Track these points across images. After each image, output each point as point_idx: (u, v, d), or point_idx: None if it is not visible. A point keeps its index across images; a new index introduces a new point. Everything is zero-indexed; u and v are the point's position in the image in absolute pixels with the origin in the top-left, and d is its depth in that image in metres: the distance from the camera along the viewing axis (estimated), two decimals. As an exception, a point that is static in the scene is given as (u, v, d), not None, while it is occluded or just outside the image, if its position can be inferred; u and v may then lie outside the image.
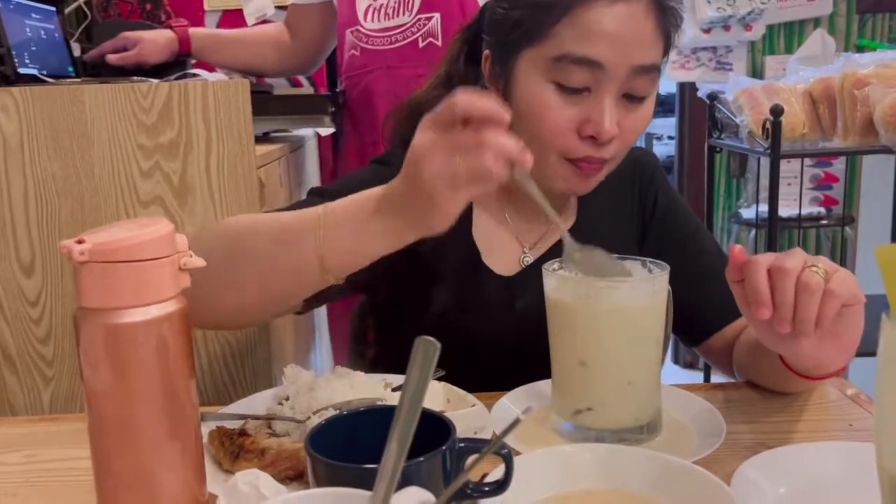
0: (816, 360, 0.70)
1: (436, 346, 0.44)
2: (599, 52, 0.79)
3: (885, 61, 1.59)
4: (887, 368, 0.40)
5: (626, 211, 1.00)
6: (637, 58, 0.80)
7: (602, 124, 0.80)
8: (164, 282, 0.55)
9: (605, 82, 0.80)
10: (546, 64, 0.81)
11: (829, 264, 0.67)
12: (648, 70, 0.81)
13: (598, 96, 0.81)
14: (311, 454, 0.50)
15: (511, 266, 0.95)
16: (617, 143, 0.83)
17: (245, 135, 1.17)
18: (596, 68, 0.79)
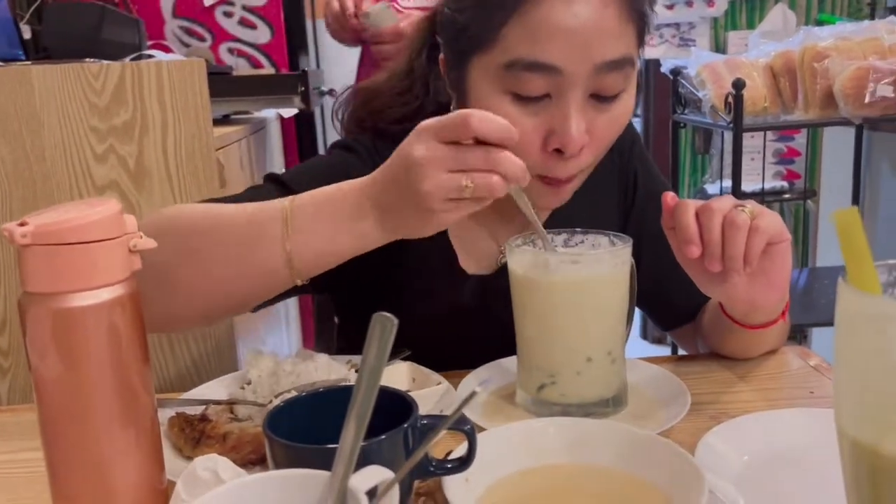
0: (749, 299, 0.71)
1: (393, 322, 0.43)
2: (554, 56, 0.69)
3: (844, 34, 1.61)
4: (843, 331, 0.40)
5: (607, 186, 0.94)
6: (599, 55, 0.70)
7: (568, 135, 0.71)
8: (114, 264, 0.53)
9: (567, 87, 0.70)
10: (497, 72, 0.72)
11: (756, 206, 0.69)
12: (617, 65, 0.71)
13: (560, 103, 0.71)
14: (269, 436, 0.49)
15: (489, 266, 0.90)
16: (590, 152, 0.75)
17: (203, 116, 1.14)
18: (552, 73, 0.70)
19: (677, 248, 0.70)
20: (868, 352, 0.38)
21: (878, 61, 1.54)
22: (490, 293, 0.88)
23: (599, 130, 0.74)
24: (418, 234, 0.66)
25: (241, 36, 2.24)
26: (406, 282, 0.88)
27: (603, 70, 0.71)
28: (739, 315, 0.76)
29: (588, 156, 0.75)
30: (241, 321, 1.29)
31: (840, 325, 0.40)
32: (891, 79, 1.50)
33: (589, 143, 0.74)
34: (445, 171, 0.61)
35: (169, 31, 2.21)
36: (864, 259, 0.40)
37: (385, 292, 0.89)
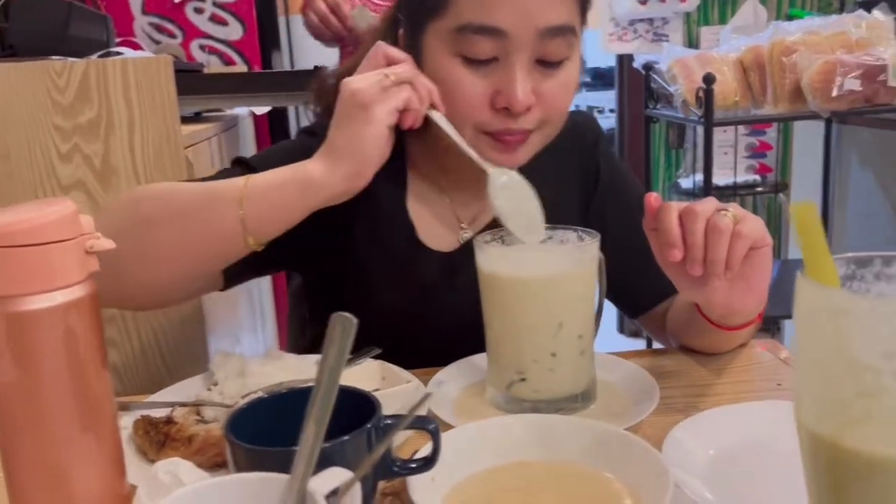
0: (728, 304, 0.71)
1: (352, 321, 0.42)
2: (499, 19, 0.74)
3: (813, 28, 1.62)
4: (802, 325, 0.40)
5: (568, 179, 0.97)
6: (542, 20, 0.75)
7: (514, 94, 0.75)
8: (69, 266, 0.52)
9: (512, 50, 0.75)
10: (449, 36, 0.77)
11: (739, 209, 0.69)
12: (559, 31, 0.77)
13: (507, 65, 0.76)
14: (229, 439, 0.48)
15: (450, 242, 0.92)
16: (539, 112, 0.79)
17: (170, 114, 1.12)
18: (499, 36, 0.75)
19: (658, 250, 0.70)
20: (826, 345, 0.38)
21: (846, 55, 1.55)
22: (455, 270, 0.90)
23: (546, 94, 0.79)
24: (362, 147, 0.72)
25: (213, 32, 2.22)
26: (366, 257, 0.90)
27: (546, 35, 0.76)
28: (716, 317, 0.76)
29: (536, 116, 0.79)
30: (213, 322, 1.27)
31: (799, 318, 0.40)
32: (858, 72, 1.52)
33: (536, 104, 0.78)
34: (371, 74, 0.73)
35: (138, 28, 2.18)
36: (821, 252, 0.40)
37: (349, 271, 0.91)
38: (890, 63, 1.53)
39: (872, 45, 1.57)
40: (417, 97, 0.74)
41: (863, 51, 1.56)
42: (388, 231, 0.90)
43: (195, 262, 0.76)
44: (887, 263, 0.43)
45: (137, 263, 0.74)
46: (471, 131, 0.80)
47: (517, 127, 0.78)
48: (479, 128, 0.79)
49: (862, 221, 2.11)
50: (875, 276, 0.43)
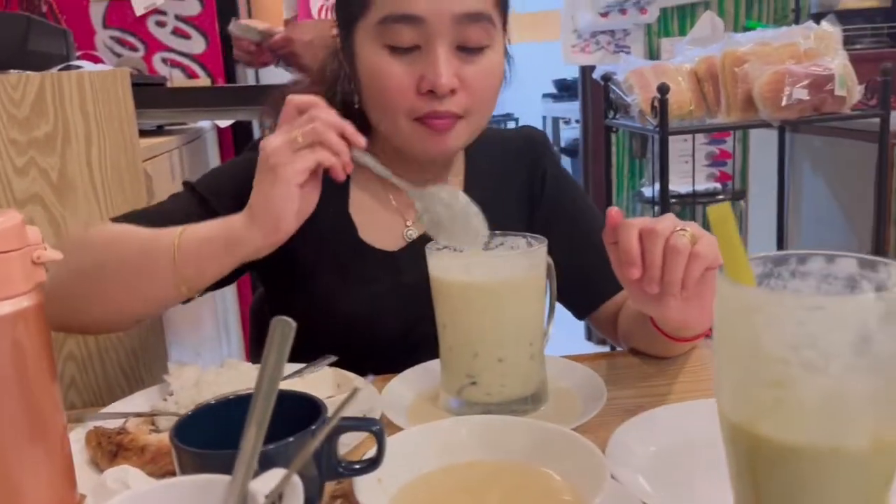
0: (682, 320, 0.73)
1: (291, 325, 0.43)
2: (417, 7, 0.81)
3: (763, 40, 1.67)
4: (721, 321, 0.42)
5: (514, 187, 1.00)
6: (457, 6, 0.81)
7: (438, 77, 0.81)
8: (15, 276, 0.53)
9: (432, 36, 0.81)
10: (374, 30, 0.83)
11: (697, 229, 0.71)
12: (474, 18, 0.82)
13: (429, 51, 0.82)
14: (174, 443, 0.49)
15: (395, 241, 0.95)
16: (464, 97, 0.84)
17: (128, 127, 1.13)
18: (418, 23, 0.81)
19: (617, 265, 0.72)
20: (741, 339, 0.41)
21: (794, 66, 1.60)
22: (401, 269, 0.93)
23: (468, 79, 0.84)
24: (275, 205, 0.74)
25: (175, 46, 2.21)
26: (313, 262, 0.93)
27: (463, 21, 0.82)
28: (669, 330, 0.79)
29: (461, 100, 0.84)
30: (174, 334, 1.27)
31: (717, 314, 0.42)
32: (806, 82, 1.57)
33: (460, 89, 0.84)
34: (284, 136, 0.74)
35: (100, 42, 2.16)
36: (737, 252, 0.42)
37: (297, 278, 0.94)
38: (836, 73, 1.59)
39: (820, 56, 1.62)
40: (331, 151, 0.74)
41: (811, 61, 1.61)
42: (331, 234, 0.93)
43: (142, 305, 0.82)
44: (802, 262, 0.45)
45: (89, 303, 0.81)
46: (403, 120, 0.85)
47: (443, 109, 0.83)
48: (409, 115, 0.84)
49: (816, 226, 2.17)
50: (791, 274, 0.45)
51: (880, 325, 0.37)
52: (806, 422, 0.39)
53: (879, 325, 0.37)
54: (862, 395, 0.38)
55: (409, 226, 0.96)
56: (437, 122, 0.84)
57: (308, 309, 0.92)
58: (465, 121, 0.86)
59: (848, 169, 2.00)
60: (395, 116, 0.85)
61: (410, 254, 0.93)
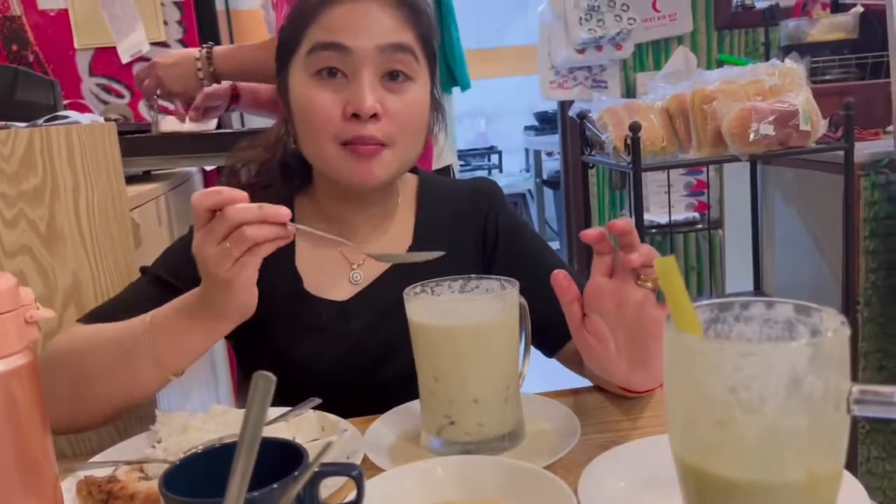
0: (626, 382, 0.79)
1: (271, 379, 0.46)
2: (342, 37, 0.88)
3: (730, 77, 1.74)
4: (670, 367, 0.46)
5: (466, 237, 1.03)
6: (380, 37, 0.88)
7: (361, 101, 0.87)
8: (9, 336, 0.55)
9: (357, 64, 0.88)
10: (304, 62, 0.91)
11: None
12: (399, 48, 0.89)
13: (354, 78, 0.88)
14: (164, 493, 0.51)
15: (341, 287, 0.98)
16: (388, 124, 0.90)
17: (115, 177, 1.16)
18: (343, 52, 0.88)
19: (571, 319, 0.76)
20: (686, 383, 0.44)
21: (760, 102, 1.66)
22: (350, 316, 0.96)
23: (392, 109, 0.90)
24: (228, 301, 0.78)
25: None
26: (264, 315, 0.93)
27: (387, 51, 0.89)
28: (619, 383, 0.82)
29: (385, 128, 0.90)
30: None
31: (666, 360, 0.46)
32: (771, 118, 1.63)
33: (384, 116, 0.89)
34: (211, 246, 0.74)
35: (86, 90, 2.21)
36: (682, 300, 0.46)
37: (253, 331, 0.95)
38: (801, 108, 1.65)
39: (784, 92, 1.69)
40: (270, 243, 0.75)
41: (776, 98, 1.68)
42: (279, 288, 0.96)
43: (129, 398, 0.85)
44: (745, 307, 0.49)
45: (80, 412, 0.85)
46: (331, 146, 0.90)
47: (367, 133, 0.89)
48: (336, 139, 0.90)
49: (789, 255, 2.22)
50: (735, 319, 0.49)
51: (808, 368, 0.40)
52: (747, 459, 0.42)
53: (808, 369, 0.40)
54: (796, 433, 0.41)
55: (355, 268, 0.99)
56: (362, 148, 0.89)
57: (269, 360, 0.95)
58: (389, 150, 0.91)
59: (818, 199, 2.06)
60: (323, 143, 0.90)
61: (358, 302, 0.97)
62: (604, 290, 0.73)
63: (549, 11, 3.09)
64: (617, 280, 0.73)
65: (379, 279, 0.99)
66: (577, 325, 0.75)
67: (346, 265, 1.00)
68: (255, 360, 1.00)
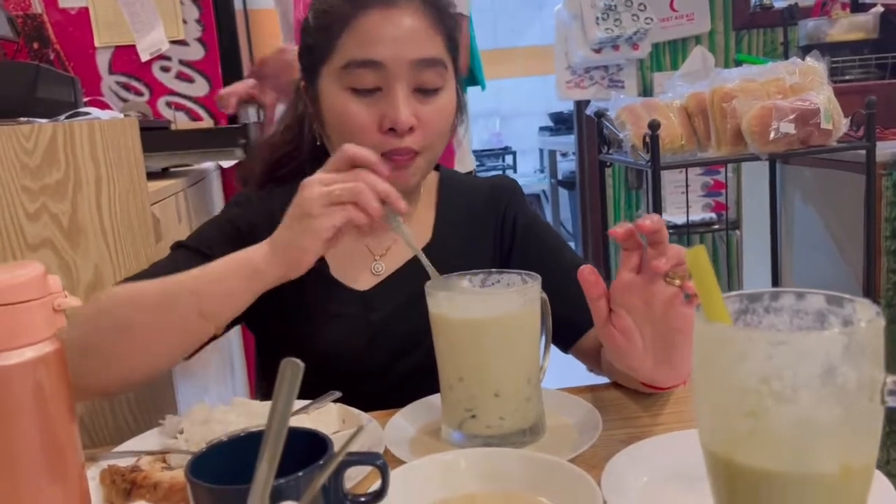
0: (651, 379, 0.79)
1: (299, 366, 0.47)
2: (378, 53, 0.88)
3: (750, 76, 1.72)
4: (699, 357, 0.45)
5: (484, 233, 1.04)
6: (415, 53, 0.89)
7: (398, 116, 0.88)
8: (38, 323, 0.56)
9: (392, 79, 0.89)
10: (339, 74, 0.90)
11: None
12: (430, 63, 0.90)
13: (389, 93, 0.89)
14: (189, 479, 0.51)
15: (363, 276, 0.99)
16: (421, 134, 0.91)
17: (136, 172, 1.17)
18: (378, 68, 0.88)
19: (597, 315, 0.75)
20: (716, 373, 0.44)
21: (781, 101, 1.65)
22: (371, 306, 0.97)
23: (426, 118, 0.91)
24: (300, 247, 0.78)
25: (179, 89, 2.27)
26: (291, 299, 0.96)
27: (419, 66, 0.89)
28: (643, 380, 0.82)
29: (419, 138, 0.91)
30: (181, 373, 1.30)
31: (695, 350, 0.46)
32: (792, 116, 1.61)
33: (418, 127, 0.90)
34: (324, 186, 0.78)
35: (106, 87, 2.22)
36: (712, 291, 0.46)
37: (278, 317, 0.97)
38: (822, 107, 1.63)
39: (806, 91, 1.67)
40: (364, 213, 0.77)
41: (797, 96, 1.66)
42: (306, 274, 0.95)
43: (169, 354, 0.85)
44: (774, 298, 0.48)
45: (117, 364, 0.83)
46: None
47: (403, 146, 0.90)
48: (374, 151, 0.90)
49: (808, 255, 2.20)
50: (765, 310, 0.48)
51: (842, 358, 0.40)
52: (778, 449, 0.42)
53: (842, 358, 0.40)
54: (829, 424, 0.41)
55: (378, 259, 1.00)
56: (399, 159, 0.91)
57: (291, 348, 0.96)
58: (421, 156, 0.93)
59: (838, 199, 2.05)
60: None
61: (380, 292, 0.98)
62: (632, 286, 0.73)
63: (566, 11, 3.08)
64: (645, 276, 0.72)
65: (399, 271, 0.99)
66: (604, 320, 0.74)
67: (369, 255, 1.01)
68: (276, 351, 1.00)
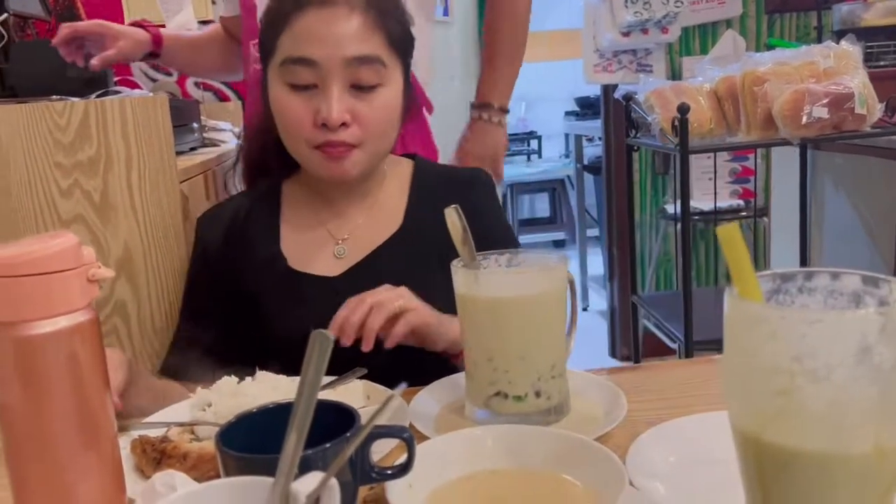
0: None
1: (329, 338, 0.47)
2: (311, 52, 0.92)
3: (782, 59, 1.69)
4: (729, 335, 0.45)
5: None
6: (348, 51, 0.92)
7: (329, 113, 0.91)
8: (72, 293, 0.57)
9: (326, 76, 0.92)
10: (279, 70, 0.95)
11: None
12: (365, 61, 0.93)
13: (323, 89, 0.93)
14: (220, 448, 0.52)
15: (327, 262, 1.02)
16: (358, 129, 0.94)
17: (166, 150, 1.18)
18: (312, 66, 0.92)
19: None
20: (748, 351, 0.43)
21: (814, 84, 1.62)
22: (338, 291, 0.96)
23: (361, 114, 0.94)
24: None
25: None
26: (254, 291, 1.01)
27: (353, 64, 0.93)
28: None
29: (355, 133, 0.94)
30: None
31: (726, 327, 0.45)
32: (826, 101, 1.58)
33: (354, 122, 0.94)
34: None
35: (135, 67, 2.24)
36: (744, 268, 0.45)
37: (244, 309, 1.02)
38: (856, 91, 1.60)
39: (840, 75, 1.64)
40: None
41: (830, 80, 1.63)
42: (265, 268, 1.02)
43: None
44: (808, 278, 0.48)
45: None
46: (304, 148, 0.96)
47: (337, 139, 0.94)
48: (308, 144, 0.96)
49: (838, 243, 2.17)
50: (798, 290, 0.48)
51: (879, 337, 0.39)
52: (810, 429, 0.41)
53: (878, 338, 0.39)
54: (864, 403, 0.40)
55: (340, 243, 1.03)
56: (332, 150, 0.94)
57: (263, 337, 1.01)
58: (360, 150, 0.96)
59: (870, 186, 2.01)
60: (298, 145, 0.97)
61: (347, 278, 1.01)
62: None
63: (595, -7, 3.05)
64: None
65: (370, 256, 1.02)
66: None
67: (331, 240, 1.04)
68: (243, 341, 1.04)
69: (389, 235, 1.03)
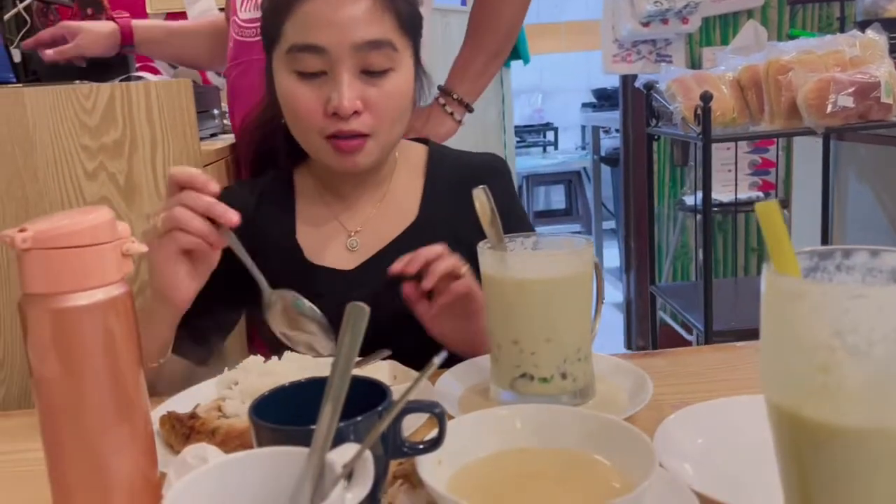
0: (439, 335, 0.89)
1: (365, 310, 0.47)
2: (319, 38, 0.89)
3: (807, 48, 1.68)
4: (767, 308, 0.45)
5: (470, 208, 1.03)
6: (356, 36, 0.89)
7: (340, 100, 0.89)
8: (107, 266, 0.57)
9: (335, 63, 0.89)
10: (284, 58, 0.92)
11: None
12: (375, 45, 0.90)
13: (333, 77, 0.90)
14: (253, 419, 0.53)
15: (340, 255, 1.01)
16: (369, 117, 0.92)
17: (190, 134, 1.19)
18: (320, 52, 0.89)
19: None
20: (786, 326, 0.43)
21: (840, 73, 1.60)
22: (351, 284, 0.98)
23: (372, 100, 0.91)
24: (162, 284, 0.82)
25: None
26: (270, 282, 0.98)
27: (363, 49, 0.89)
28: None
29: (367, 121, 0.92)
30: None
31: (764, 303, 0.45)
32: (851, 90, 1.57)
33: (365, 110, 0.91)
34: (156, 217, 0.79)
35: (156, 54, 2.25)
36: (783, 244, 0.45)
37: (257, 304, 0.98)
38: (882, 80, 1.58)
39: (866, 64, 1.62)
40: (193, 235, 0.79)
41: (856, 69, 1.61)
42: (280, 259, 0.99)
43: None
44: (846, 256, 0.47)
45: None
46: (316, 139, 0.94)
47: (349, 128, 0.91)
48: (320, 134, 0.93)
49: (861, 234, 2.15)
50: (836, 268, 0.47)
51: (921, 312, 0.39)
52: (850, 404, 0.41)
53: (921, 313, 0.39)
54: (904, 379, 0.40)
55: (353, 235, 1.02)
56: (345, 144, 0.92)
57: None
58: (372, 139, 0.93)
59: (895, 177, 1.99)
60: (308, 135, 0.94)
61: (362, 271, 0.99)
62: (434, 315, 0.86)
63: (615, -17, 3.03)
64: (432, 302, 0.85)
65: (385, 250, 1.00)
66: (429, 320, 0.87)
67: (344, 232, 1.02)
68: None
69: (404, 228, 1.02)
